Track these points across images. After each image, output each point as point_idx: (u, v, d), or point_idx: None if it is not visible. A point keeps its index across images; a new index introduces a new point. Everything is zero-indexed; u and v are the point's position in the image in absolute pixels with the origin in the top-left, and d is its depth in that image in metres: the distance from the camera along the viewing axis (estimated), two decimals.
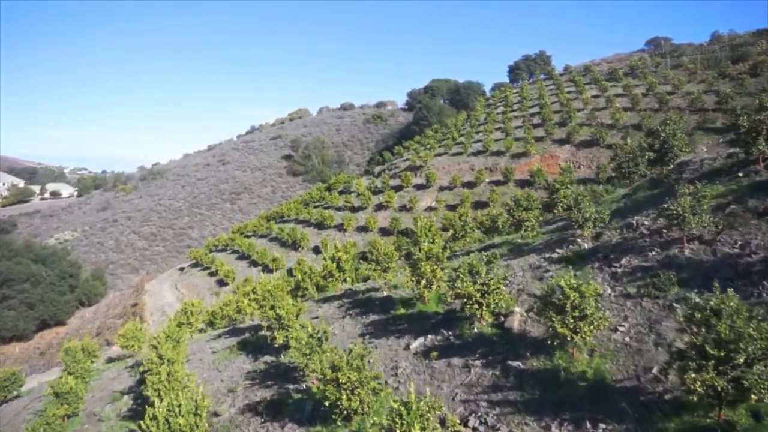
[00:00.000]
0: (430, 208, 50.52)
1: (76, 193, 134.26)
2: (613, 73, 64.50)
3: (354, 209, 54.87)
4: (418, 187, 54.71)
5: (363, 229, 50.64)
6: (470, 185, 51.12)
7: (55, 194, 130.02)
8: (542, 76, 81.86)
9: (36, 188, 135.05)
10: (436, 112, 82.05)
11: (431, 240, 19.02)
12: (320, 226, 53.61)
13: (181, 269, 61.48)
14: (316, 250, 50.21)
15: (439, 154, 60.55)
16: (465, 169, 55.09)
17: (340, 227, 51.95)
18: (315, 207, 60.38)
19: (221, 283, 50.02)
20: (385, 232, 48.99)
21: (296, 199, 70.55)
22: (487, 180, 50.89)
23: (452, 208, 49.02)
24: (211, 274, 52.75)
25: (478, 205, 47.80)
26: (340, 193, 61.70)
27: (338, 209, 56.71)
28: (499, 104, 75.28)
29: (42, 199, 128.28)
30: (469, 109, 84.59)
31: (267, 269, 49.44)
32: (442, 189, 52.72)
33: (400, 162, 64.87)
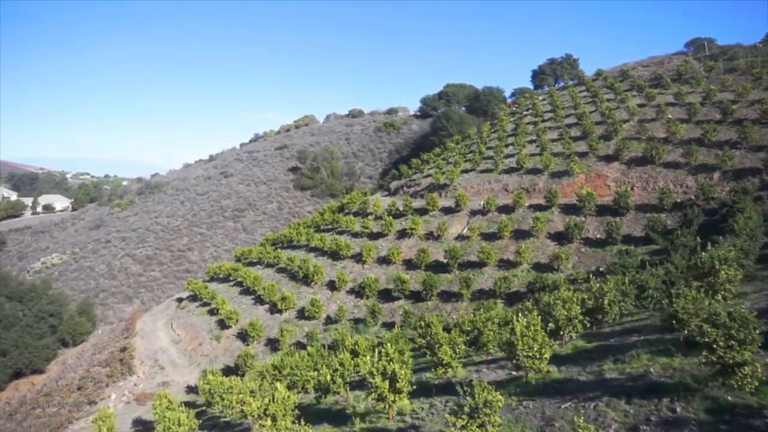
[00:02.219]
0: (461, 237, 43.96)
1: (70, 206, 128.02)
2: (659, 79, 57.88)
3: (372, 235, 48.34)
4: (446, 210, 48.20)
5: (384, 261, 44.13)
6: (507, 210, 44.63)
7: (47, 208, 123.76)
8: (571, 82, 75.35)
9: (29, 201, 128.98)
10: (457, 122, 75.32)
11: (538, 355, 12.53)
12: (335, 255, 47.09)
13: (179, 300, 55.11)
14: (331, 285, 43.73)
15: (465, 171, 54.11)
16: (498, 189, 48.65)
17: (358, 257, 45.44)
18: (327, 231, 53.86)
19: (222, 325, 43.58)
20: (410, 264, 42.49)
21: (305, 220, 64.03)
22: (527, 204, 44.41)
23: (488, 237, 42.52)
24: (212, 312, 46.27)
25: (519, 234, 41.32)
26: (355, 214, 55.21)
27: (354, 235, 50.21)
28: (525, 113, 68.74)
29: (34, 213, 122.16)
30: (490, 117, 78.16)
31: (275, 308, 43.06)
32: (474, 213, 46.20)
33: (421, 178, 58.35)
